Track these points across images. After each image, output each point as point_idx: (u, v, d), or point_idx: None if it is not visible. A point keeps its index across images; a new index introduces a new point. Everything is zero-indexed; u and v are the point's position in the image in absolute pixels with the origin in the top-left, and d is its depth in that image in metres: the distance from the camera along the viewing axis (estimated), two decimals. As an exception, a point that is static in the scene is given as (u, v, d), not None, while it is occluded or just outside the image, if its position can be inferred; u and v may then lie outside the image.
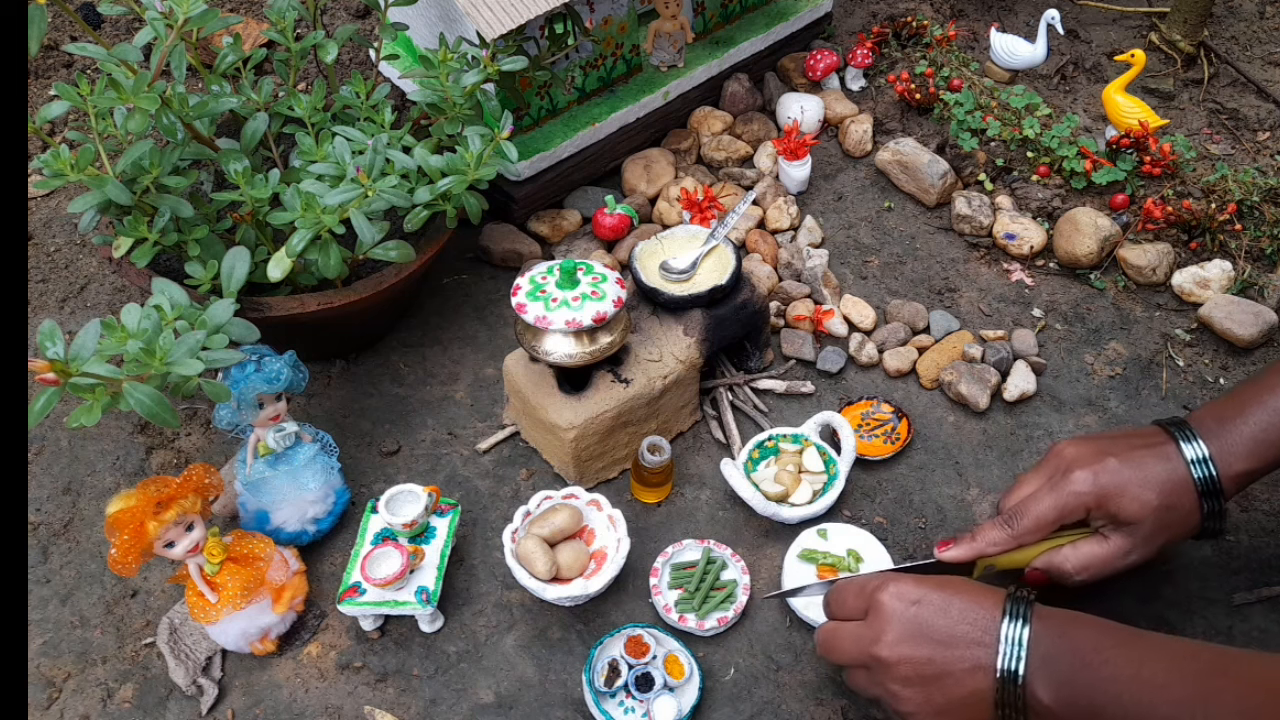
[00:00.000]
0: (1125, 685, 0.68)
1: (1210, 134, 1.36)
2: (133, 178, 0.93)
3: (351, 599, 0.89)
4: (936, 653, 0.73)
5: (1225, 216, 1.16)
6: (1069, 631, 0.72)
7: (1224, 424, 0.82)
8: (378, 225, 0.95)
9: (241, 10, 1.60)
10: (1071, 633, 0.72)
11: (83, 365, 0.74)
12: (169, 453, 1.07)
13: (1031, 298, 1.18)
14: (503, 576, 0.97)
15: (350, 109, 1.11)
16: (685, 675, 0.88)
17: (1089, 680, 0.69)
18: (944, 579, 0.77)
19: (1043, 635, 0.71)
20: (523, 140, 1.20)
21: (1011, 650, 0.71)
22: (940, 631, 0.73)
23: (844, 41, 1.47)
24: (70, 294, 1.23)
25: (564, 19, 1.17)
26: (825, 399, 1.10)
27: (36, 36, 0.84)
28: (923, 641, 0.74)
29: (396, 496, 0.93)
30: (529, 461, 1.05)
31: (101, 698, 0.91)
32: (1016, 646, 0.71)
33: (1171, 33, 1.44)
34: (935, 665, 0.73)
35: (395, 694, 0.90)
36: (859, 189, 1.30)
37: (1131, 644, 0.71)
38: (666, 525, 1.01)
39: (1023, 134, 1.25)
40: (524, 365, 1.01)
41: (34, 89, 1.48)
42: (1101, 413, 1.08)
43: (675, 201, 1.23)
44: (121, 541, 0.80)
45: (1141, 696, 0.68)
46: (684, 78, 1.29)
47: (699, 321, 1.02)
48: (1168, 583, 0.95)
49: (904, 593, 0.75)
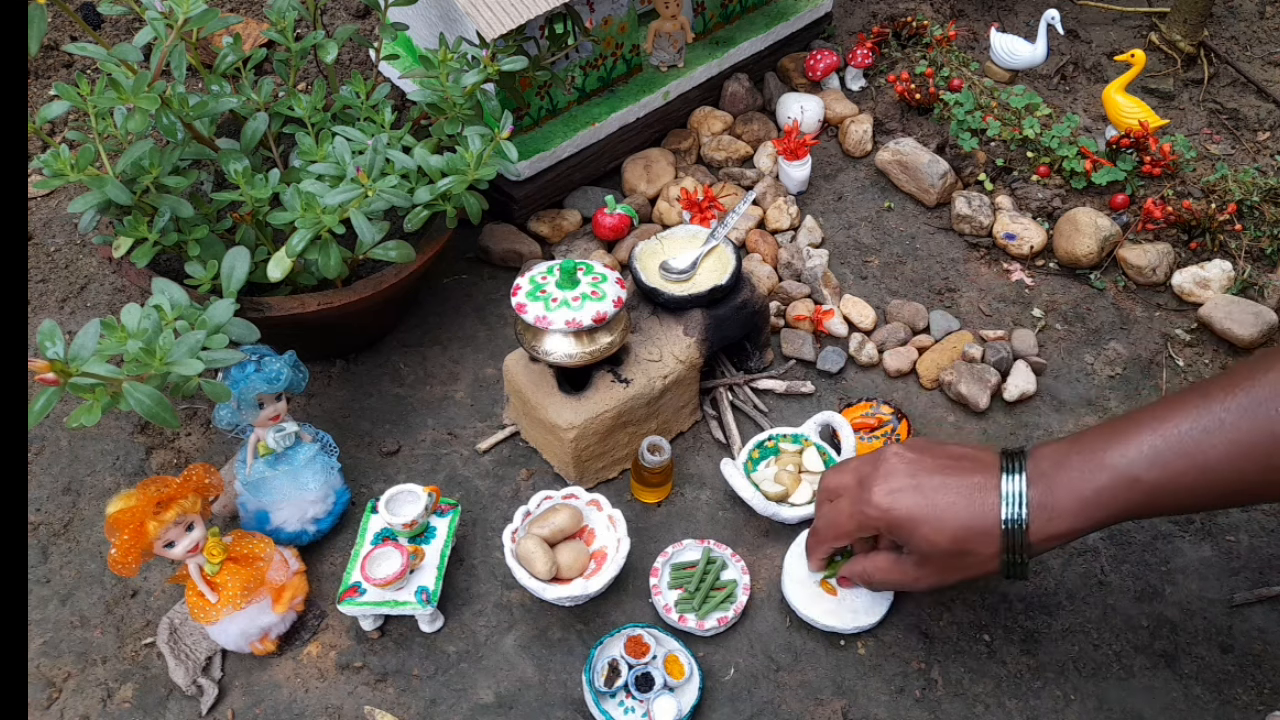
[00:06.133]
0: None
1: (1210, 134, 1.36)
2: (133, 178, 0.93)
3: (351, 599, 0.89)
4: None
5: (1225, 216, 1.16)
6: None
7: (1060, 470, 0.72)
8: (378, 225, 0.95)
9: (241, 10, 1.60)
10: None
11: (83, 365, 0.74)
12: (169, 453, 1.07)
13: (1031, 298, 1.18)
14: (503, 576, 0.97)
15: (350, 109, 1.11)
16: (685, 675, 0.88)
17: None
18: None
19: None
20: (523, 140, 1.20)
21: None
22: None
23: (844, 41, 1.47)
24: (70, 294, 1.23)
25: (564, 19, 1.17)
26: (825, 399, 1.10)
27: (36, 36, 0.84)
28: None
29: (396, 496, 0.93)
30: (529, 461, 1.05)
31: (101, 698, 0.91)
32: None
33: (1171, 33, 1.44)
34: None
35: (395, 694, 0.90)
36: (859, 189, 1.30)
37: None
38: (666, 525, 1.01)
39: (1023, 134, 1.25)
40: (524, 365, 1.01)
41: (34, 89, 1.48)
42: (1102, 413, 1.08)
43: (675, 201, 1.23)
44: (121, 541, 0.80)
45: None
46: (684, 78, 1.29)
47: (699, 321, 1.02)
48: (1168, 583, 0.95)
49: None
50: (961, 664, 0.91)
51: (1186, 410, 0.70)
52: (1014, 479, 0.73)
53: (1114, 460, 0.70)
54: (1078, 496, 0.71)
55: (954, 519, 0.74)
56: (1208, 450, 0.67)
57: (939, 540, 0.75)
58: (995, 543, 0.73)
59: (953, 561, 0.76)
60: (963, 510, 0.74)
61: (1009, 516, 0.72)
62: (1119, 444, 0.71)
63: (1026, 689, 0.89)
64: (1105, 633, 0.93)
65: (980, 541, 0.74)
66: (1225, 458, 0.67)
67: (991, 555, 0.74)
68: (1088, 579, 0.96)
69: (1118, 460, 0.70)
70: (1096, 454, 0.71)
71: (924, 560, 0.78)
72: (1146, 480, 0.69)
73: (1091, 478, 0.71)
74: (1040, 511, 0.72)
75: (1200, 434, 0.68)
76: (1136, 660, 0.91)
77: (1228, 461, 0.67)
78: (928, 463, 0.77)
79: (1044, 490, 0.72)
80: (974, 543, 0.74)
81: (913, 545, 0.77)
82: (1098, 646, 0.92)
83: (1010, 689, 0.89)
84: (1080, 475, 0.71)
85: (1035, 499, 0.72)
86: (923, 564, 0.78)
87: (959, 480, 0.75)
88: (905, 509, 0.75)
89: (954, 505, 0.74)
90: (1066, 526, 0.72)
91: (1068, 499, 0.71)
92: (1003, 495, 0.73)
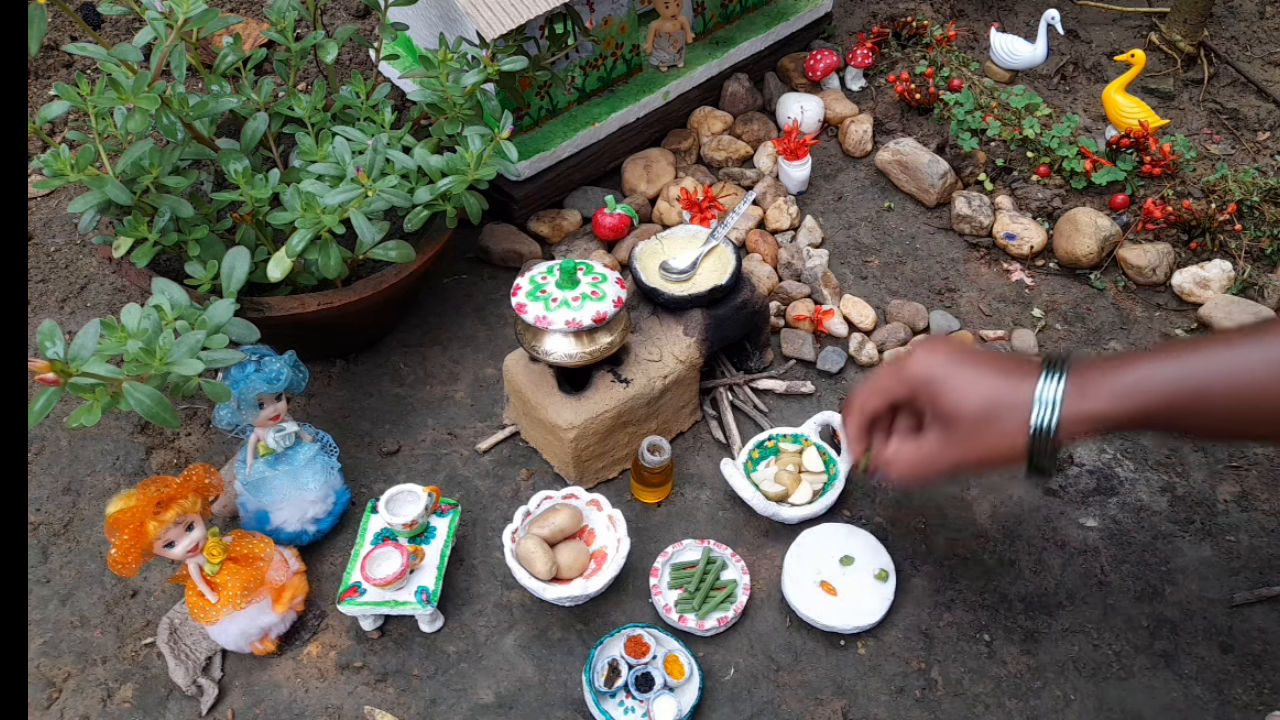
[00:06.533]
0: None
1: (1210, 134, 1.36)
2: (133, 178, 0.93)
3: (351, 599, 0.89)
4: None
5: (1225, 216, 1.16)
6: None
7: (1098, 369, 0.74)
8: (378, 225, 0.95)
9: (241, 10, 1.60)
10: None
11: (83, 365, 0.74)
12: (169, 453, 1.07)
13: (1031, 298, 1.18)
14: (503, 576, 0.97)
15: (350, 109, 1.11)
16: (685, 675, 0.88)
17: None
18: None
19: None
20: (523, 140, 1.20)
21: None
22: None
23: (844, 41, 1.47)
24: (70, 294, 1.23)
25: (564, 19, 1.17)
26: (825, 399, 1.10)
27: (36, 36, 0.84)
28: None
29: (396, 496, 0.93)
30: (529, 461, 1.05)
31: (101, 698, 0.91)
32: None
33: (1171, 33, 1.44)
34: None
35: (395, 694, 0.90)
36: (859, 189, 1.30)
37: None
38: (666, 525, 1.01)
39: (1023, 134, 1.25)
40: (524, 365, 1.01)
41: (34, 89, 1.48)
42: (1101, 413, 1.08)
43: (675, 201, 1.23)
44: (121, 541, 0.80)
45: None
46: (684, 78, 1.30)
47: (699, 321, 1.02)
48: (1168, 583, 0.95)
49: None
50: (961, 664, 0.91)
51: (1229, 337, 0.74)
52: (1054, 372, 0.74)
53: (1155, 365, 0.73)
54: (1117, 385, 0.73)
55: (986, 384, 0.75)
56: (1249, 367, 0.70)
57: (968, 400, 0.75)
58: (1024, 413, 0.73)
59: (977, 430, 0.75)
60: (997, 381, 0.75)
61: (1041, 396, 0.73)
62: (1159, 358, 0.73)
63: (1026, 689, 0.89)
64: (1105, 633, 0.93)
65: (1008, 411, 0.74)
66: (1265, 375, 0.69)
67: (1018, 428, 0.73)
68: (1088, 579, 0.96)
69: (1158, 365, 0.73)
70: (1138, 361, 0.74)
71: (947, 429, 0.77)
72: (1186, 383, 0.71)
73: (1132, 374, 0.73)
74: (1076, 392, 0.73)
75: (1240, 354, 0.71)
76: (1136, 660, 0.91)
77: (1266, 379, 0.69)
78: (973, 352, 0.79)
79: (1081, 381, 0.73)
80: (1002, 410, 0.74)
81: (940, 406, 0.77)
82: (1098, 646, 0.92)
83: (1010, 689, 0.89)
84: (1121, 372, 0.73)
85: (1073, 384, 0.73)
86: (945, 435, 0.77)
87: (1001, 361, 0.77)
88: (941, 366, 0.77)
89: (989, 375, 0.75)
90: (1100, 409, 0.72)
91: (1107, 386, 0.73)
92: (1039, 380, 0.74)
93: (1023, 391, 0.73)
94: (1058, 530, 0.99)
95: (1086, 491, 1.02)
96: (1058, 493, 1.02)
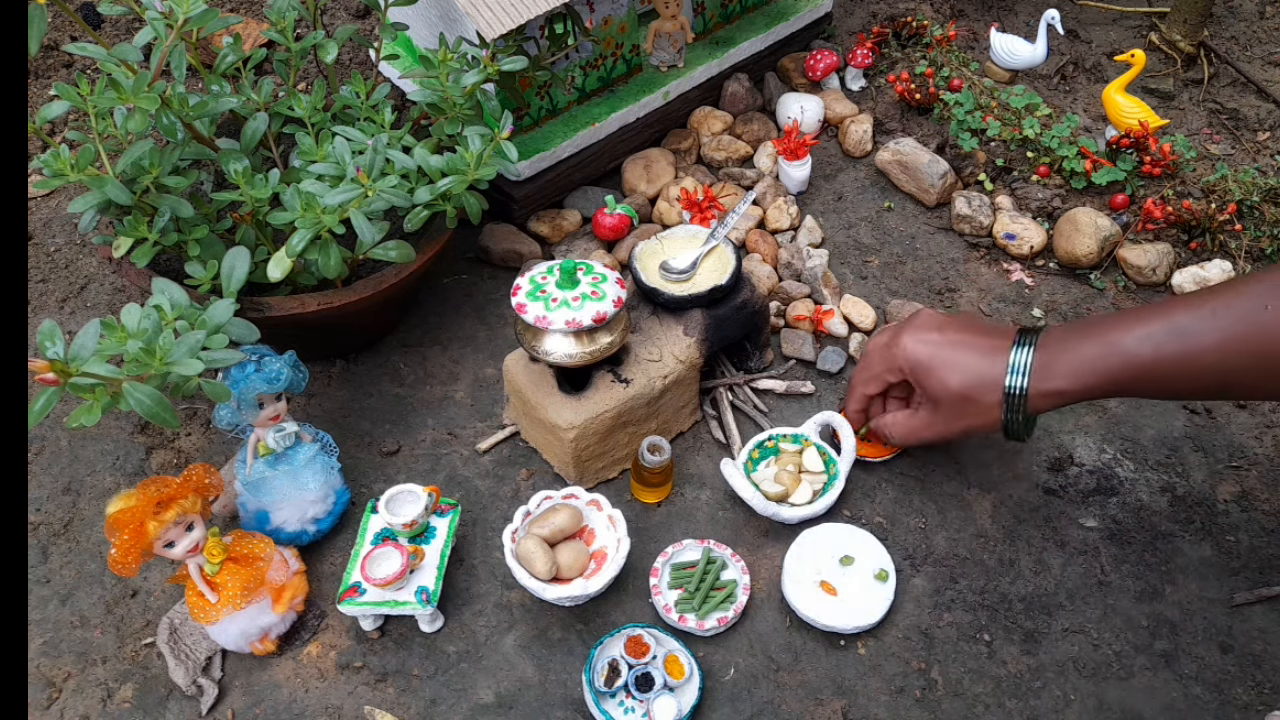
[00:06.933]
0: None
1: (1210, 134, 1.36)
2: (133, 178, 0.93)
3: (351, 599, 0.89)
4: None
5: (1225, 216, 1.16)
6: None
7: (1063, 343, 0.83)
8: (378, 225, 0.95)
9: (241, 10, 1.60)
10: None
11: (82, 365, 0.74)
12: (169, 453, 1.07)
13: (1031, 298, 1.18)
14: (503, 576, 0.97)
15: (350, 109, 1.11)
16: (685, 675, 0.88)
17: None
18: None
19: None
20: (523, 140, 1.20)
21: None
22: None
23: (844, 41, 1.47)
24: (70, 294, 1.23)
25: (564, 19, 1.17)
26: (825, 399, 1.10)
27: (36, 36, 0.84)
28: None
29: (396, 496, 0.93)
30: (529, 461, 1.05)
31: (101, 698, 0.91)
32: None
33: (1171, 33, 1.44)
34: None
35: (395, 694, 0.90)
36: (859, 189, 1.30)
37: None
38: (666, 525, 1.01)
39: (1023, 134, 1.25)
40: (524, 365, 1.01)
41: (34, 89, 1.48)
42: (1101, 412, 1.08)
43: (675, 201, 1.23)
44: (121, 541, 0.80)
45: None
46: (684, 78, 1.30)
47: (699, 321, 1.02)
48: (1168, 583, 0.95)
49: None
50: (961, 664, 0.91)
51: (1189, 303, 0.79)
52: (1024, 348, 0.83)
53: (1114, 337, 0.80)
54: (1075, 363, 0.81)
55: (966, 367, 0.85)
56: (1201, 336, 0.76)
57: (950, 384, 0.86)
58: (998, 393, 0.84)
59: (959, 408, 0.87)
60: (975, 362, 0.85)
61: (1012, 372, 0.83)
62: (1122, 326, 0.81)
63: (1026, 689, 0.89)
64: (1105, 633, 0.93)
65: (984, 391, 0.84)
66: (1215, 345, 0.76)
67: (994, 405, 0.85)
68: (1088, 579, 0.96)
69: (1117, 337, 0.80)
70: (1100, 332, 0.81)
71: (934, 407, 0.89)
72: (1140, 357, 0.78)
73: (1091, 349, 0.81)
74: (1041, 371, 0.82)
75: (1196, 322, 0.77)
76: (1136, 660, 0.91)
77: (1217, 349, 0.76)
78: (955, 323, 0.89)
79: (1047, 357, 0.82)
80: (979, 391, 0.84)
81: (927, 388, 0.88)
82: (1098, 646, 0.92)
83: (1010, 689, 0.89)
84: (1081, 347, 0.81)
85: (1038, 362, 0.82)
86: (933, 411, 0.90)
87: (978, 340, 0.86)
88: (926, 354, 0.87)
89: (968, 358, 0.85)
90: (1061, 386, 0.82)
91: (1066, 364, 0.81)
92: (1011, 356, 0.83)
93: (997, 367, 0.84)
94: (1058, 530, 0.99)
95: (1086, 491, 1.02)
96: (1058, 493, 1.02)
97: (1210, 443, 1.05)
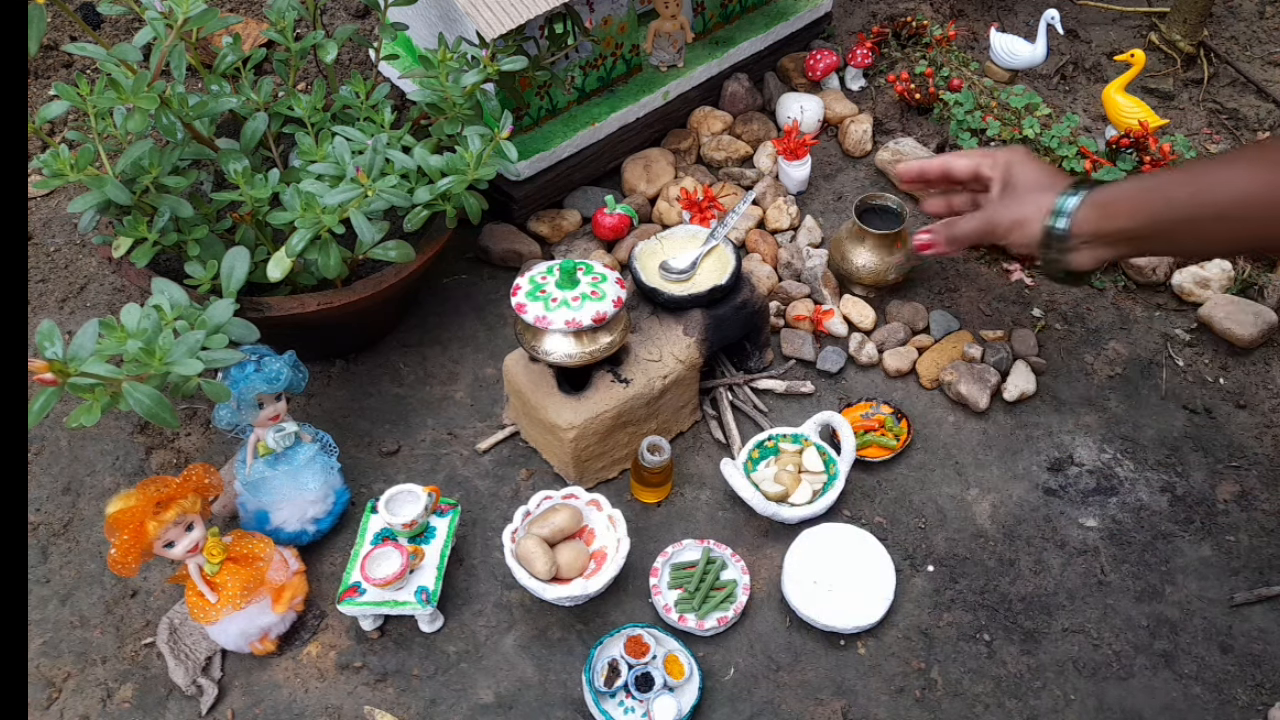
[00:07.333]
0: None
1: (1210, 134, 1.36)
2: (132, 178, 0.93)
3: (351, 599, 0.89)
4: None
5: (1225, 216, 1.16)
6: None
7: (1107, 190, 0.90)
8: (378, 225, 0.95)
9: (241, 10, 1.60)
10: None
11: (82, 365, 0.74)
12: (169, 453, 1.07)
13: (1031, 297, 1.18)
14: (503, 576, 0.97)
15: (350, 109, 1.11)
16: (685, 675, 0.88)
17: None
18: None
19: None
20: (523, 140, 1.20)
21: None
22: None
23: (844, 41, 1.47)
24: (70, 294, 1.23)
25: (564, 19, 1.17)
26: (825, 399, 1.10)
27: (36, 36, 0.84)
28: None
29: (396, 496, 0.93)
30: (529, 461, 1.05)
31: (101, 698, 0.91)
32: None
33: (1171, 33, 1.44)
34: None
35: (395, 694, 0.90)
36: (859, 189, 1.30)
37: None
38: (666, 525, 1.01)
39: (1023, 134, 1.24)
40: (524, 365, 1.01)
41: (34, 89, 1.48)
42: (1101, 412, 1.08)
43: (675, 201, 1.23)
44: (121, 541, 0.80)
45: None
46: (684, 78, 1.29)
47: (699, 321, 1.02)
48: (1168, 583, 0.95)
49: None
50: (961, 664, 0.91)
51: (1226, 157, 0.88)
52: (1081, 190, 0.91)
53: (1153, 181, 0.88)
54: (1119, 196, 0.89)
55: (1044, 174, 0.94)
56: (1235, 181, 0.82)
57: (1030, 176, 0.94)
58: (1053, 197, 0.91)
59: (1029, 196, 0.93)
60: (1050, 174, 0.94)
61: (1053, 219, 0.90)
62: (1163, 175, 0.90)
63: (1026, 689, 0.89)
64: (1105, 633, 0.93)
65: (1043, 196, 0.92)
66: (1249, 188, 0.81)
67: (1048, 206, 0.91)
68: (1088, 579, 0.96)
69: (1156, 181, 0.88)
70: (1140, 180, 0.90)
71: (1006, 193, 0.95)
72: (1178, 198, 0.85)
73: (1135, 183, 0.90)
74: (1087, 202, 0.89)
75: (1231, 170, 0.83)
76: (1136, 660, 0.91)
77: (1253, 191, 0.81)
78: (1038, 158, 0.98)
79: (1094, 195, 0.90)
80: (1041, 194, 0.92)
81: (1012, 176, 0.95)
82: (1098, 646, 0.92)
83: (1010, 689, 0.89)
84: (1128, 183, 0.90)
85: (1088, 196, 0.90)
86: (1004, 197, 0.96)
87: (1054, 169, 0.96)
88: (1020, 158, 0.96)
89: (1047, 173, 0.95)
90: (1106, 225, 0.88)
91: (1111, 198, 0.89)
92: (1067, 189, 0.91)
93: (1059, 184, 0.92)
94: (1058, 530, 0.99)
95: (1086, 491, 1.02)
96: (1058, 493, 1.02)
97: (1210, 443, 1.05)
